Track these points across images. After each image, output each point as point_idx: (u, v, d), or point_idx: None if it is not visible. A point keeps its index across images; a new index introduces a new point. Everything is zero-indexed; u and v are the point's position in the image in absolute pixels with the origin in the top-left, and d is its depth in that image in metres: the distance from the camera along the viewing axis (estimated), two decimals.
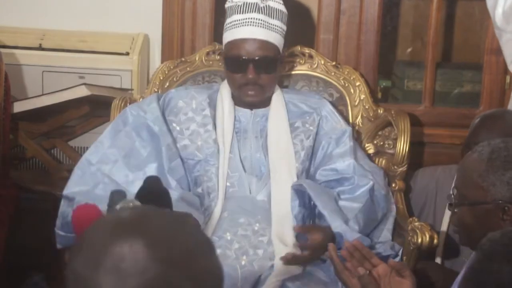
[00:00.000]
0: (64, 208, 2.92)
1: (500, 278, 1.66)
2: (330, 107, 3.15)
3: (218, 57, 3.31)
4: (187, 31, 3.62)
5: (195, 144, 3.02)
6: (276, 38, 3.02)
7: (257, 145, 3.04)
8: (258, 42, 2.98)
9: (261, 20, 2.99)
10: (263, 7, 3.00)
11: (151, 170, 2.94)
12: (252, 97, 3.02)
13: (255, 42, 2.98)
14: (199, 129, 3.03)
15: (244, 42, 2.98)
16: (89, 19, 3.73)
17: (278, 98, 3.10)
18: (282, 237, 2.84)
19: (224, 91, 3.09)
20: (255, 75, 2.97)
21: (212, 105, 3.08)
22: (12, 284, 3.49)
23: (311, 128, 3.08)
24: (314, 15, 3.64)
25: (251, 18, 2.99)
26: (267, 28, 3.00)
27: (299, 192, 2.91)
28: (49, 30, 3.71)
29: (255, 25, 2.99)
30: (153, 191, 2.41)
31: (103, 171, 2.96)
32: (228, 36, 3.04)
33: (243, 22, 2.99)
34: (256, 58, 2.97)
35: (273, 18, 3.01)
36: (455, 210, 2.31)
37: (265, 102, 3.09)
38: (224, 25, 3.07)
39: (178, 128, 3.04)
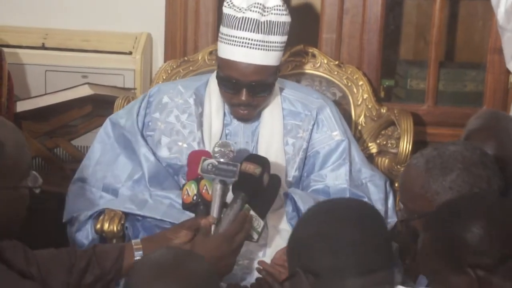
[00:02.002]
0: (69, 230, 2.90)
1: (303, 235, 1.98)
2: (328, 111, 3.01)
3: None
4: (190, 30, 3.62)
5: (178, 147, 2.93)
6: (274, 57, 2.84)
7: (246, 153, 2.90)
8: (254, 67, 2.80)
9: (259, 41, 2.80)
10: (263, 22, 2.81)
11: (142, 176, 2.91)
12: (243, 116, 2.89)
13: (250, 66, 2.80)
14: (183, 131, 2.93)
15: (239, 64, 2.81)
16: (92, 19, 3.73)
17: (274, 98, 2.96)
18: (278, 242, 2.80)
19: (213, 85, 2.95)
20: (249, 98, 2.83)
21: (198, 101, 2.96)
22: None
23: (303, 135, 2.96)
24: (317, 14, 3.64)
25: (248, 39, 2.80)
26: (265, 49, 2.82)
27: (291, 198, 2.85)
28: (52, 29, 3.72)
29: (252, 48, 2.80)
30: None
31: (96, 189, 2.92)
32: (222, 50, 2.87)
33: (240, 42, 2.81)
34: (250, 82, 2.81)
35: (273, 34, 2.82)
36: (407, 226, 2.33)
37: None
38: (220, 30, 2.91)
39: (162, 126, 2.96)
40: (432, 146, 2.40)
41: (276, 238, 2.80)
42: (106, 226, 2.78)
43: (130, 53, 3.62)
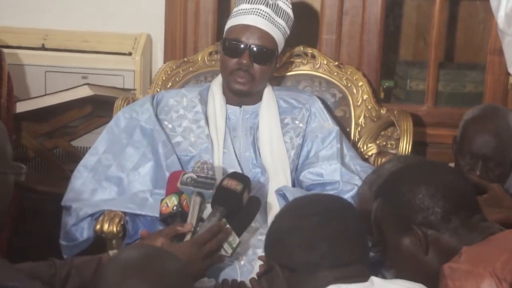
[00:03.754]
0: (64, 218, 2.93)
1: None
2: (320, 104, 3.16)
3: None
4: (190, 31, 3.62)
5: (188, 141, 3.03)
6: (277, 35, 3.05)
7: (246, 143, 3.06)
8: (259, 32, 3.01)
9: (267, 13, 3.03)
10: (272, 4, 3.05)
11: (147, 169, 2.97)
12: (240, 85, 3.03)
13: (256, 30, 3.01)
14: (191, 126, 3.05)
15: (246, 28, 3.01)
16: (92, 19, 3.73)
17: (268, 94, 3.11)
18: None
19: (215, 87, 3.11)
20: (249, 62, 2.99)
21: (203, 101, 3.10)
22: None
23: (300, 125, 3.10)
24: (317, 15, 3.64)
25: (258, 9, 3.03)
26: (271, 22, 3.03)
27: (284, 195, 2.90)
28: (52, 30, 3.72)
29: (260, 16, 3.02)
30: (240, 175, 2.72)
31: (99, 176, 2.97)
32: (232, 22, 3.07)
33: (249, 11, 3.03)
34: (254, 46, 3.00)
35: (279, 17, 3.05)
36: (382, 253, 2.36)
37: (255, 99, 3.10)
38: (230, 14, 3.11)
39: (170, 126, 3.06)
40: (372, 171, 2.56)
41: None
42: (105, 227, 2.79)
43: (130, 54, 3.62)
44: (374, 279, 1.91)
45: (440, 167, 2.20)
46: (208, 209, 2.65)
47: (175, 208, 2.62)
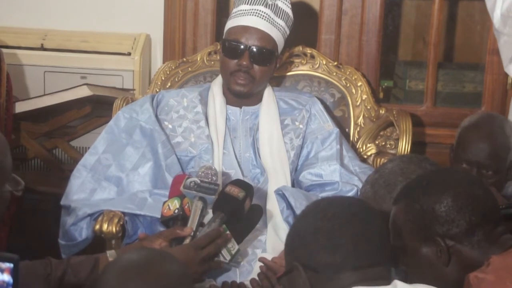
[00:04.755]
0: (64, 218, 2.93)
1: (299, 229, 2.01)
2: (320, 106, 3.17)
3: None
4: (189, 31, 3.62)
5: (188, 141, 3.03)
6: (277, 35, 3.05)
7: (246, 144, 3.06)
8: (259, 33, 3.02)
9: (267, 14, 3.03)
10: (271, 4, 3.05)
11: (146, 169, 2.98)
12: (240, 86, 3.03)
13: (256, 31, 3.01)
14: (191, 126, 3.05)
15: (246, 29, 3.02)
16: (91, 20, 3.73)
17: (269, 95, 3.12)
18: (276, 240, 2.82)
19: (216, 88, 3.11)
20: (249, 63, 3.00)
21: (203, 102, 3.10)
22: None
23: (300, 126, 3.11)
24: (316, 15, 3.64)
25: (257, 10, 3.03)
26: (271, 23, 3.03)
27: (283, 195, 2.90)
28: (51, 30, 3.72)
29: (260, 17, 3.02)
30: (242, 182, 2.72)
31: (99, 176, 2.98)
32: (231, 23, 3.08)
33: (249, 12, 3.03)
34: (253, 47, 3.00)
35: (278, 17, 3.05)
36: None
37: (255, 100, 3.11)
38: (230, 15, 3.11)
39: (170, 126, 3.07)
40: (374, 170, 2.52)
41: (275, 239, 2.83)
42: (105, 227, 2.79)
43: (129, 54, 3.63)
44: (397, 282, 1.90)
45: (467, 177, 2.16)
46: (210, 214, 2.67)
47: (176, 211, 2.64)
